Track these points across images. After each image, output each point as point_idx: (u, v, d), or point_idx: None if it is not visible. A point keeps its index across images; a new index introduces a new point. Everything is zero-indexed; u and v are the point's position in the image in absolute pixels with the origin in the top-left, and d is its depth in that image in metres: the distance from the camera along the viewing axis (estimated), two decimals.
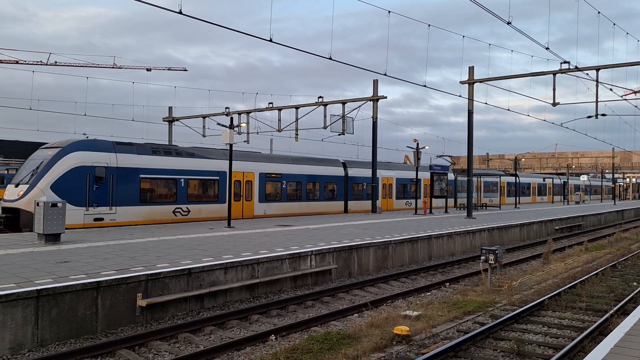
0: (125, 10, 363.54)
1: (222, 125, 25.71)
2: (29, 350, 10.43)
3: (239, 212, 30.94)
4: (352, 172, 40.19)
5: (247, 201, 31.84)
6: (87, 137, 27.84)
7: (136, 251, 16.18)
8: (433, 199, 41.76)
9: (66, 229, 21.32)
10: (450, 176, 47.32)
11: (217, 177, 29.76)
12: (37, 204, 17.53)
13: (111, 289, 11.93)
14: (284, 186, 34.32)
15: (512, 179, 61.17)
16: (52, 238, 17.70)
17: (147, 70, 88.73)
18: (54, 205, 17.44)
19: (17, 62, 76.85)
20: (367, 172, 40.56)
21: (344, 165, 40.10)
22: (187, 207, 28.25)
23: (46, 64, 77.83)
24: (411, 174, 45.30)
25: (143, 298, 12.40)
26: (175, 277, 13.27)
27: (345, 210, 39.36)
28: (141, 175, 26.11)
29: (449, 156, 46.92)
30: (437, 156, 48.69)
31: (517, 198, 56.64)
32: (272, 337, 11.47)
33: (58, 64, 79.49)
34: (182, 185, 28.05)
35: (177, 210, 27.81)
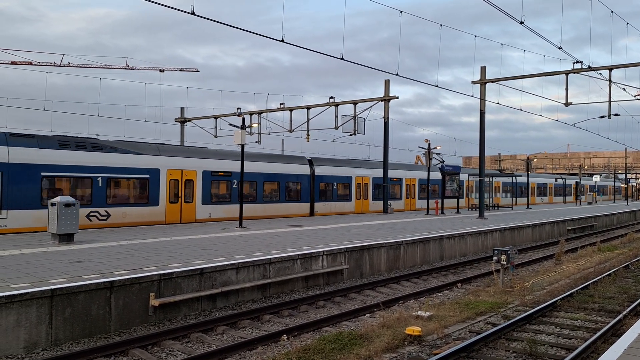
0: (133, 11, 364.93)
1: (234, 126, 25.79)
2: (43, 349, 10.52)
3: (177, 216, 27.50)
4: (320, 170, 36.45)
5: (187, 203, 27.83)
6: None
7: (149, 251, 16.27)
8: (412, 199, 42.23)
9: None
10: (437, 175, 44.79)
11: (148, 176, 26.08)
12: (52, 204, 17.64)
13: (124, 288, 12.01)
14: (234, 186, 30.27)
15: (507, 179, 60.27)
16: (66, 238, 17.81)
17: (160, 71, 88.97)
18: (68, 205, 17.55)
19: (30, 64, 77.29)
20: (338, 170, 37.84)
21: (310, 162, 36.42)
22: (106, 211, 24.64)
23: (59, 65, 78.25)
24: (392, 173, 42.10)
25: (156, 298, 12.47)
26: (187, 277, 13.34)
27: (312, 213, 35.63)
28: (43, 173, 22.64)
29: (437, 153, 45.56)
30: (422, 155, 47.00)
31: (528, 198, 56.21)
32: (284, 337, 11.50)
33: (71, 65, 79.90)
34: (100, 184, 24.38)
35: (92, 214, 24.19)
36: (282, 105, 42.35)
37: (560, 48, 22.70)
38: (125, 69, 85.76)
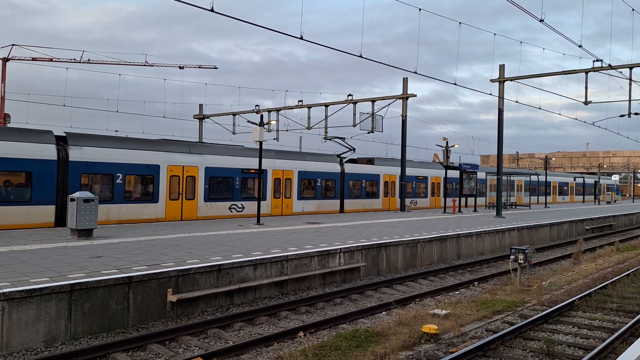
0: (146, 3, 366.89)
1: (252, 123, 25.87)
2: (62, 343, 10.62)
3: None
4: (86, 154, 23.33)
5: None
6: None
7: (167, 247, 16.37)
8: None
9: None
10: (336, 168, 36.30)
11: None
12: (71, 199, 17.80)
13: (142, 284, 12.10)
14: None
15: (525, 178, 59.11)
16: (85, 233, 17.96)
17: (180, 68, 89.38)
18: (87, 200, 17.70)
19: (51, 60, 77.94)
20: (127, 156, 24.87)
21: (62, 141, 23.43)
22: None
23: (79, 62, 78.87)
24: (254, 162, 29.90)
25: (173, 293, 12.55)
26: (205, 273, 13.41)
27: (59, 222, 22.37)
28: None
29: (339, 138, 39.92)
30: (324, 139, 43.00)
31: (546, 197, 55.58)
32: (301, 333, 11.53)
33: (91, 61, 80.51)
34: None
35: None
36: (300, 102, 42.41)
37: (580, 46, 22.54)
38: (145, 65, 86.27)
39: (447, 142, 38.01)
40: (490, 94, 33.03)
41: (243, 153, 30.64)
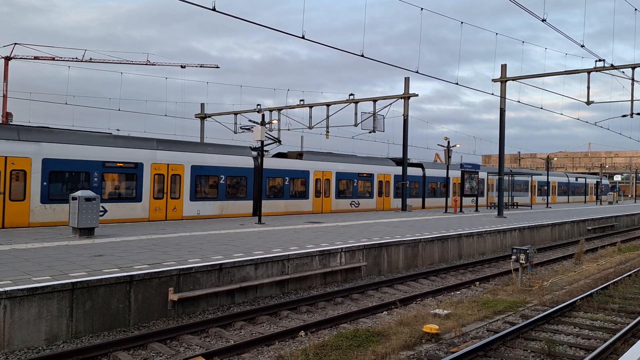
0: (146, 1, 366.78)
1: (254, 122, 25.88)
2: (63, 341, 10.63)
3: None
4: None
5: None
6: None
7: (168, 246, 16.38)
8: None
9: None
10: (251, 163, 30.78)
11: None
12: (73, 198, 17.80)
13: (144, 283, 12.10)
14: None
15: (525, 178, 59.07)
16: (87, 232, 17.97)
17: (182, 67, 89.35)
18: (89, 199, 17.70)
19: (53, 59, 77.92)
20: None
21: None
22: None
23: (81, 61, 78.85)
24: (122, 153, 24.57)
25: (175, 292, 12.55)
26: (206, 272, 13.41)
27: None
28: None
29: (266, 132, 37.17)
30: (240, 128, 40.33)
31: (547, 198, 55.46)
32: (302, 333, 11.53)
33: (93, 60, 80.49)
34: None
35: None
36: (301, 102, 42.40)
37: (582, 46, 22.53)
38: (147, 64, 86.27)
39: (448, 142, 37.98)
40: (492, 94, 33.07)
41: (106, 142, 24.47)
